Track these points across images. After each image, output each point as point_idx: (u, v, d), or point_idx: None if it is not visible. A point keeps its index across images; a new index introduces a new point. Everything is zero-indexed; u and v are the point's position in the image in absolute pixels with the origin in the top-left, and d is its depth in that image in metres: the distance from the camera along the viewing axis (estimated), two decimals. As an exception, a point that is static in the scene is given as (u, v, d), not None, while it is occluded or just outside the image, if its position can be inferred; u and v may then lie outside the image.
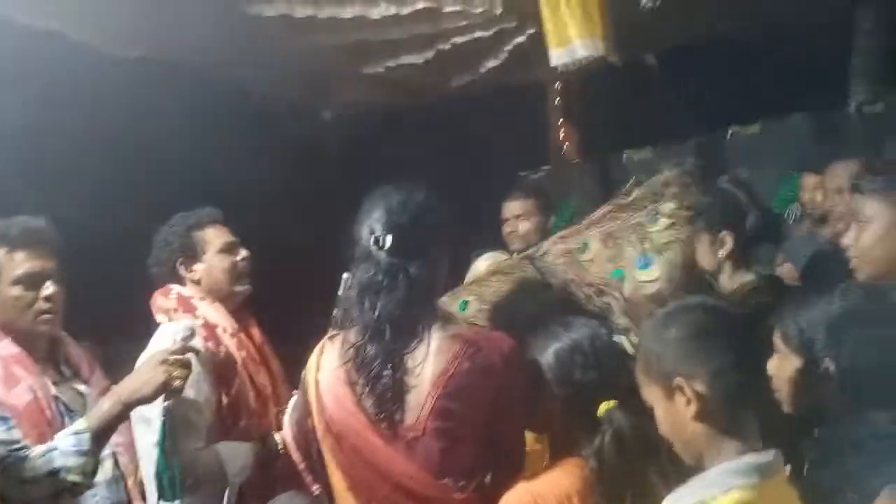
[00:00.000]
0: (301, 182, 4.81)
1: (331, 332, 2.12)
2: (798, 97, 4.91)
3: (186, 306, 2.66)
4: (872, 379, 1.65)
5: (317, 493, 2.17)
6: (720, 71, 5.30)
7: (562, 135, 5.48)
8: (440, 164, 4.74)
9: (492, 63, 4.51)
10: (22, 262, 2.38)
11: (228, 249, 2.74)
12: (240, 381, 2.56)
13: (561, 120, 5.47)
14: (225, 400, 2.53)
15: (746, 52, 5.20)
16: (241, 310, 2.77)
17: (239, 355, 2.59)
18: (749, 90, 5.07)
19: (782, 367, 1.81)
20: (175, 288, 2.71)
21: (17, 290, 2.37)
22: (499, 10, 3.93)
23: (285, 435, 2.31)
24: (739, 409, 1.53)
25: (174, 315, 2.65)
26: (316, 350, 2.10)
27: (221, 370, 2.53)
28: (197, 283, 2.72)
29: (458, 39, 4.20)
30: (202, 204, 2.88)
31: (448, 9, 3.91)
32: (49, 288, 2.41)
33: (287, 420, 2.26)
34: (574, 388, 1.90)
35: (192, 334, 2.35)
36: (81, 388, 2.46)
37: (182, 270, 2.71)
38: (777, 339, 1.82)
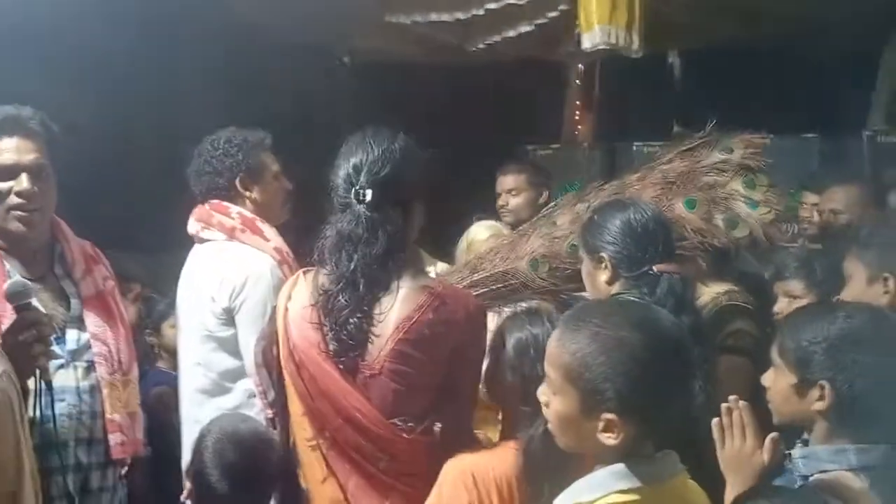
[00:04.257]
0: (307, 123, 4.75)
1: (305, 268, 2.14)
2: (813, 116, 4.89)
3: (252, 228, 2.61)
4: (866, 405, 1.65)
5: (269, 416, 2.28)
6: (742, 78, 5.28)
7: (577, 116, 5.43)
8: (449, 125, 4.72)
9: (516, 32, 4.45)
10: None
11: (279, 177, 2.73)
12: None
13: (578, 102, 5.43)
14: None
15: (769, 63, 5.18)
16: None
17: None
18: (766, 102, 5.04)
19: (777, 380, 1.81)
20: (234, 207, 2.64)
21: None
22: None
23: (249, 362, 2.39)
24: None
25: (239, 235, 2.60)
26: (290, 280, 2.16)
27: None
28: (253, 202, 2.66)
29: (491, 5, 4.14)
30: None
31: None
32: (23, 182, 2.18)
33: (254, 347, 2.30)
34: (522, 380, 1.91)
35: (26, 291, 1.95)
36: (70, 288, 2.29)
37: (240, 187, 2.65)
38: (774, 353, 1.82)
